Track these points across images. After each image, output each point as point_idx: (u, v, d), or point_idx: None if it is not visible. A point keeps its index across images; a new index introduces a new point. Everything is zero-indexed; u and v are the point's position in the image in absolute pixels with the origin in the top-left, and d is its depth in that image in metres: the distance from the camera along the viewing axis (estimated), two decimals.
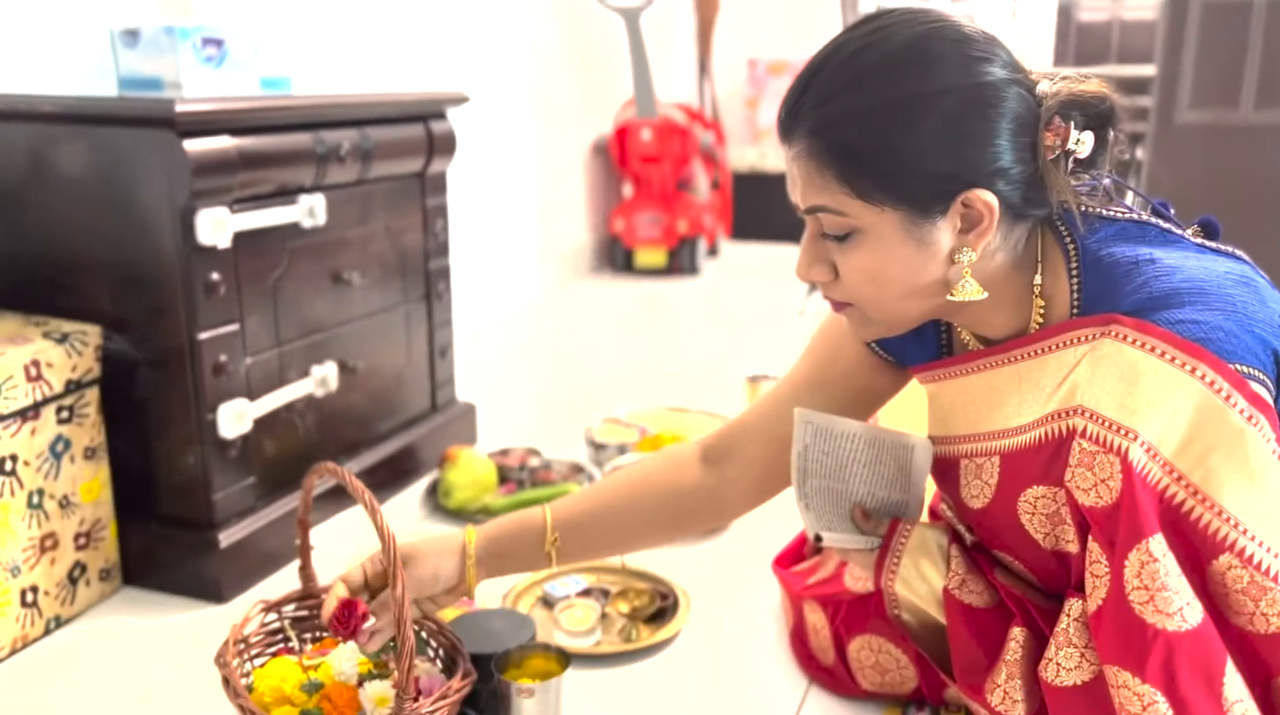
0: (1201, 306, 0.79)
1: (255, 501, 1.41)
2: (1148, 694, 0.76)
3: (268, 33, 1.76)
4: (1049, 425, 0.83)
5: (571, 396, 2.23)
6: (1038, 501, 0.86)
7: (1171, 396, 0.76)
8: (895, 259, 0.82)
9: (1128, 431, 0.76)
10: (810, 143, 0.82)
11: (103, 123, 1.26)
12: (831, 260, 0.86)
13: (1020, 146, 0.81)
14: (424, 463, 1.76)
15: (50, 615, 1.27)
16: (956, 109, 0.79)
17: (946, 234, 0.82)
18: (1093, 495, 0.78)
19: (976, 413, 0.93)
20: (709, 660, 1.22)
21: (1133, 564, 0.76)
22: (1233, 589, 0.77)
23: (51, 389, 1.23)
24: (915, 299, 0.86)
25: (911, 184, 0.80)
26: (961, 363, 0.94)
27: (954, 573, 0.94)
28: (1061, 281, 0.86)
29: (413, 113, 1.66)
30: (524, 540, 1.04)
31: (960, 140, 0.79)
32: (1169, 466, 0.76)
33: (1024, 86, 0.82)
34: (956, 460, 0.96)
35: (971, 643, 0.93)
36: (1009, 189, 0.81)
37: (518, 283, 3.08)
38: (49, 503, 1.25)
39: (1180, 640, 0.75)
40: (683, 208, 3.49)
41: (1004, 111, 0.80)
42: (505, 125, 2.95)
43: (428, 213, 1.73)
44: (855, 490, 1.01)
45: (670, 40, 4.11)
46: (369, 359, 1.63)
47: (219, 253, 1.31)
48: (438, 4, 2.55)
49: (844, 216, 0.82)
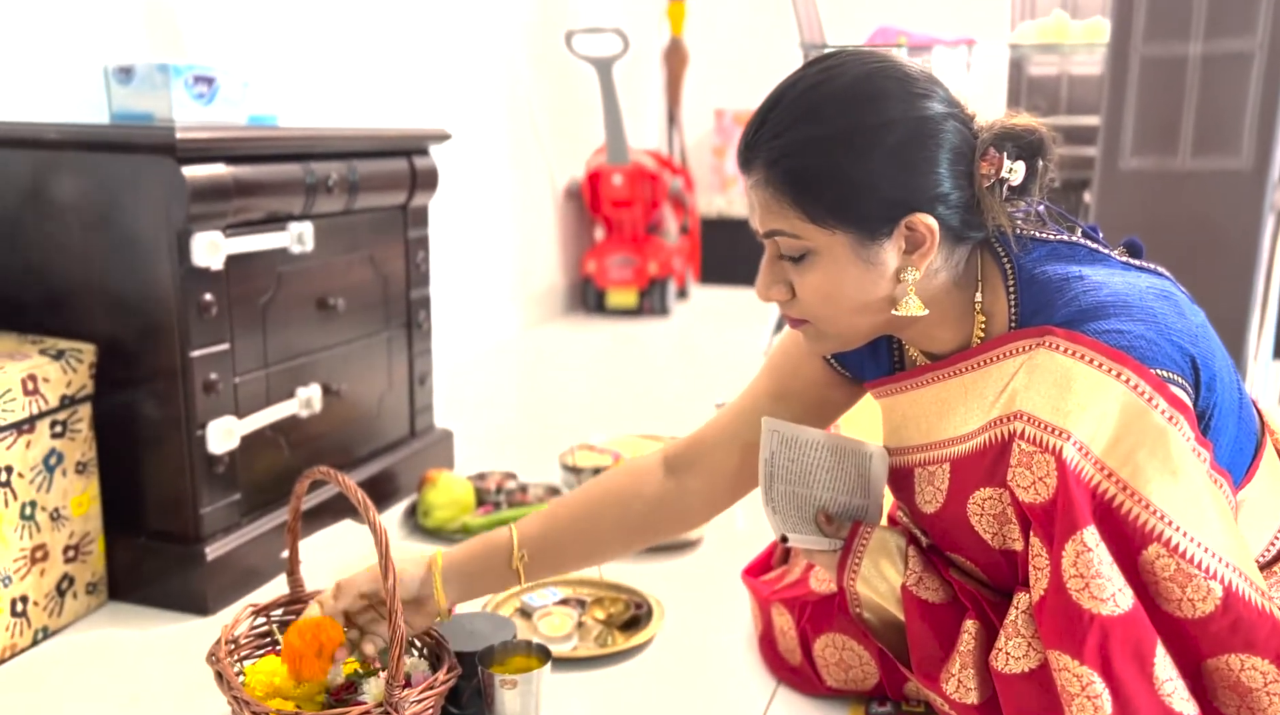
0: (1126, 318, 0.87)
1: (240, 518, 1.45)
2: (1085, 675, 0.82)
3: (256, 71, 1.84)
4: (992, 431, 0.90)
5: (546, 425, 2.29)
6: (985, 503, 0.93)
7: (1100, 399, 0.84)
8: (846, 278, 0.90)
9: (1062, 432, 0.84)
10: (767, 172, 0.90)
11: (104, 149, 1.32)
12: (789, 280, 0.94)
13: (958, 174, 0.89)
14: (403, 487, 1.80)
15: (39, 626, 1.30)
16: (900, 140, 0.87)
17: (892, 255, 0.90)
18: (1031, 492, 0.85)
19: (927, 424, 1.00)
20: (681, 664, 1.27)
21: (1069, 554, 0.83)
22: (1161, 577, 0.84)
23: (47, 403, 1.28)
24: (865, 315, 0.93)
25: (859, 209, 0.88)
26: (911, 377, 1.01)
27: (911, 571, 1.01)
28: (1000, 298, 0.94)
29: (397, 147, 1.73)
30: (492, 560, 1.09)
31: (903, 169, 0.87)
32: (1100, 464, 0.84)
33: (961, 120, 0.90)
34: (910, 469, 1.03)
35: (928, 636, 1.00)
36: (949, 213, 0.89)
37: (492, 321, 3.14)
38: (40, 515, 1.29)
39: (1113, 624, 0.82)
40: (653, 250, 3.59)
41: (943, 142, 0.88)
42: (481, 168, 3.03)
43: (410, 244, 1.79)
44: (819, 495, 1.07)
45: (641, 90, 4.24)
46: (351, 383, 1.68)
47: (212, 274, 1.36)
48: (416, 51, 2.64)
49: (799, 239, 0.90)
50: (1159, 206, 2.30)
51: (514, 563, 1.09)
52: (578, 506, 1.13)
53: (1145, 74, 2.29)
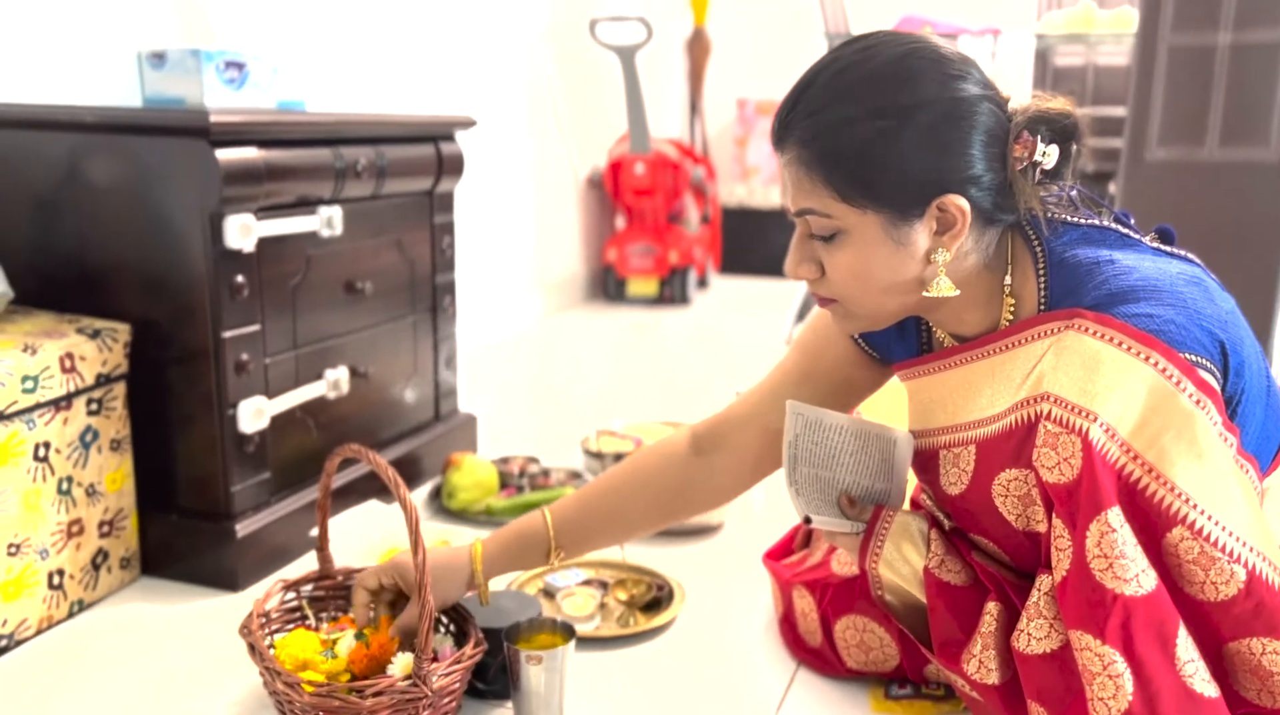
0: (1155, 302, 0.87)
1: (269, 496, 1.48)
2: (1108, 654, 0.83)
3: (285, 57, 1.86)
4: (1019, 412, 0.91)
5: (568, 411, 2.31)
6: (1010, 484, 0.94)
7: (1127, 381, 0.84)
8: (876, 258, 0.91)
9: (1088, 413, 0.84)
10: (800, 151, 0.90)
11: (140, 132, 1.34)
12: (819, 259, 0.94)
13: (991, 156, 0.89)
14: (427, 469, 1.83)
15: (74, 599, 1.33)
16: (934, 121, 0.87)
17: (923, 235, 0.90)
18: (1055, 473, 0.86)
19: (953, 406, 1.00)
20: (702, 644, 1.29)
21: (1093, 534, 0.83)
22: (1185, 560, 0.84)
23: (83, 381, 1.30)
24: (894, 296, 0.94)
25: (892, 188, 0.88)
26: (939, 359, 1.02)
27: (933, 554, 1.02)
28: (1030, 281, 0.94)
29: (424, 133, 1.75)
30: (528, 547, 1.13)
31: (937, 149, 0.88)
32: (1126, 446, 0.84)
33: (995, 103, 0.90)
34: (935, 452, 1.04)
35: (949, 618, 1.00)
36: (980, 195, 0.90)
37: (514, 308, 3.16)
38: (77, 490, 1.32)
39: (1136, 604, 0.83)
40: (674, 239, 3.60)
41: (977, 124, 0.88)
42: (504, 155, 3.05)
43: (436, 229, 1.81)
44: (842, 479, 1.08)
45: (663, 79, 4.24)
46: (378, 366, 1.70)
47: (244, 257, 1.38)
48: (441, 38, 2.66)
49: (830, 218, 0.91)
50: (1186, 198, 2.29)
51: (550, 549, 1.13)
52: (609, 488, 1.16)
53: (1173, 64, 2.27)
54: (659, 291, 3.60)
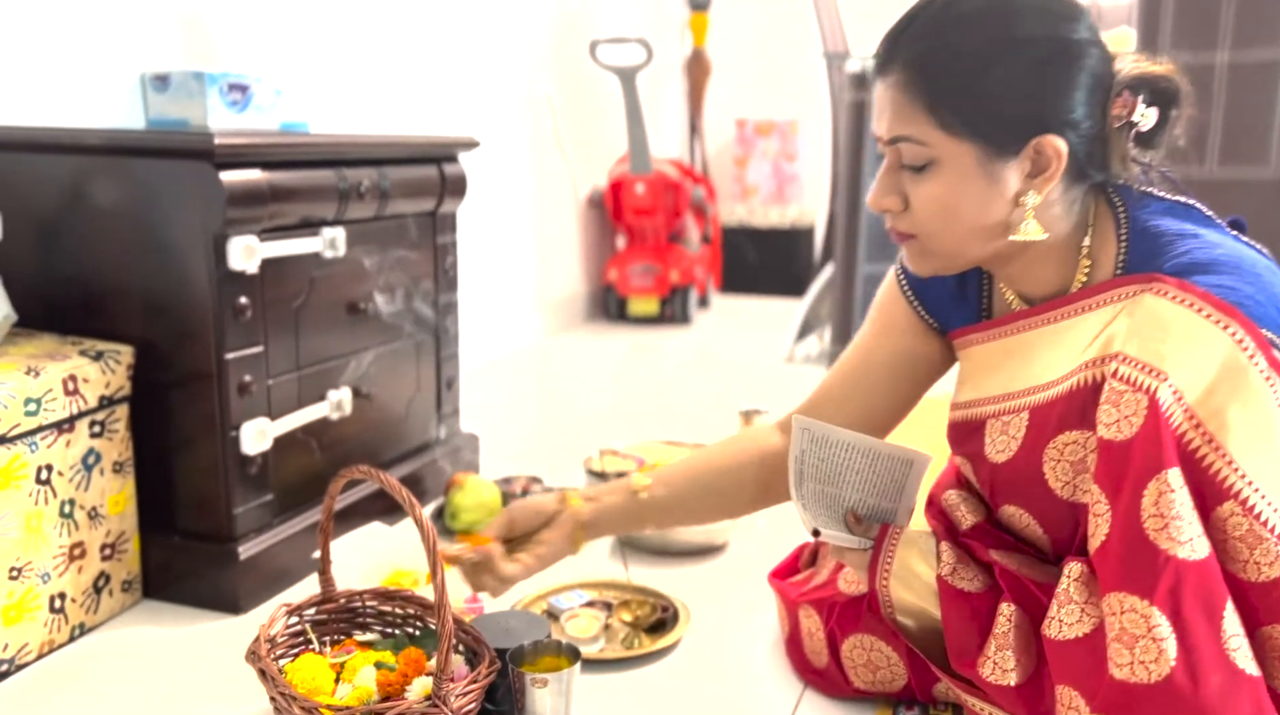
0: (1236, 277, 0.87)
1: (272, 518, 1.47)
2: (1154, 616, 0.81)
3: (288, 79, 1.86)
4: (1085, 372, 0.89)
5: (569, 431, 2.30)
6: (1066, 448, 0.92)
7: (1202, 347, 0.83)
8: (966, 193, 0.90)
9: (1159, 373, 0.83)
10: (904, 75, 0.90)
11: (144, 154, 1.35)
12: (905, 192, 0.93)
13: (1093, 104, 0.89)
14: (429, 490, 1.82)
15: (76, 622, 1.32)
16: (1043, 57, 0.87)
17: (1015, 175, 0.90)
18: (1114, 429, 0.84)
19: (1009, 374, 0.99)
20: (707, 667, 1.28)
21: (1150, 493, 0.81)
22: (1231, 535, 0.83)
23: (86, 403, 1.30)
24: (976, 237, 0.93)
25: (992, 121, 0.88)
26: (1001, 324, 1.01)
27: (945, 563, 1.01)
28: (1109, 245, 0.94)
29: (427, 154, 1.75)
30: (624, 514, 1.16)
31: (1043, 86, 0.88)
32: (1190, 413, 0.83)
33: (1103, 52, 0.90)
34: (983, 421, 1.02)
35: (965, 624, 0.99)
36: (1077, 142, 0.89)
37: (514, 327, 3.16)
38: (79, 513, 1.31)
39: (1189, 568, 0.81)
40: (675, 258, 3.60)
41: (1084, 68, 0.88)
42: (505, 176, 3.06)
43: (439, 250, 1.82)
44: (848, 496, 1.08)
45: (663, 100, 4.26)
46: (381, 387, 1.70)
47: (247, 278, 1.38)
48: (443, 60, 2.67)
49: (924, 147, 0.90)
50: None
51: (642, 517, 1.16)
52: (704, 466, 1.18)
53: None
54: (660, 310, 3.60)
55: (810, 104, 4.17)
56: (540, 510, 1.14)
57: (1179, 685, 0.81)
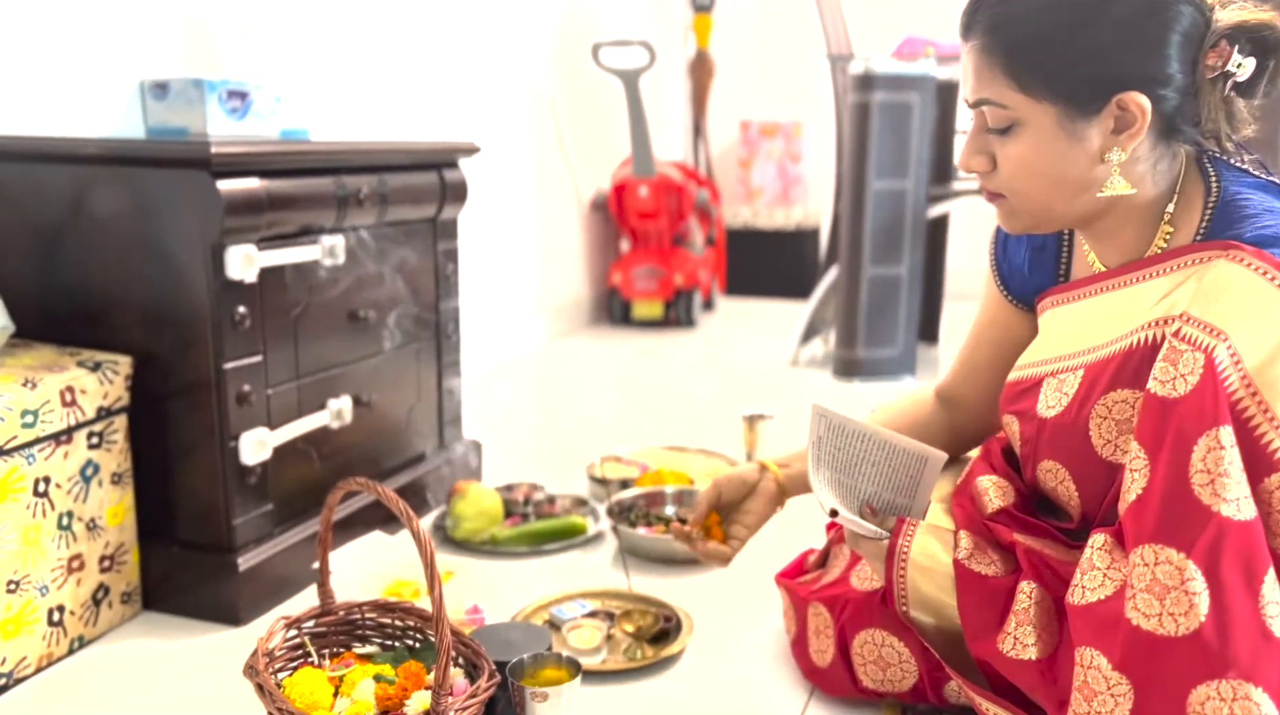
0: None
1: (272, 528, 1.46)
2: (1189, 569, 0.80)
3: (288, 86, 1.86)
4: (1145, 332, 0.90)
5: (572, 436, 2.29)
6: (1115, 407, 0.92)
7: (1266, 313, 0.82)
8: (1049, 152, 0.91)
9: (1218, 332, 0.82)
10: (985, 38, 0.91)
11: (141, 164, 1.34)
12: (991, 153, 0.95)
13: (1183, 59, 0.88)
14: (432, 498, 1.81)
15: (74, 635, 1.31)
16: (1128, 14, 0.87)
17: (1097, 133, 0.90)
18: (1167, 387, 0.83)
19: (1076, 335, 1.00)
20: (711, 677, 1.27)
21: (1200, 448, 0.80)
22: (1276, 509, 0.82)
23: (84, 415, 1.29)
24: (1062, 194, 0.93)
25: (1070, 81, 0.89)
26: (1078, 287, 1.02)
27: (963, 548, 1.00)
28: (1194, 213, 0.94)
29: (427, 161, 1.74)
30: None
31: (1128, 43, 0.87)
32: (1246, 379, 0.82)
33: (1196, 6, 0.89)
34: (1041, 379, 1.02)
35: (982, 606, 0.98)
36: (1163, 98, 0.89)
37: (518, 332, 3.15)
38: (77, 525, 1.30)
39: (1232, 527, 0.79)
40: (679, 262, 3.59)
41: (1173, 23, 0.87)
42: (508, 180, 3.05)
43: (439, 256, 1.81)
44: (864, 488, 1.08)
45: (667, 102, 4.25)
46: (381, 394, 1.69)
47: (246, 287, 1.38)
48: (445, 64, 2.66)
49: (1006, 109, 0.91)
50: None
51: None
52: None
53: None
54: (664, 314, 3.59)
55: (815, 105, 4.15)
56: (745, 480, 1.24)
57: (1207, 640, 0.79)
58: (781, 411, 2.14)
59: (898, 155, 2.65)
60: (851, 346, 2.76)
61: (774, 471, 1.24)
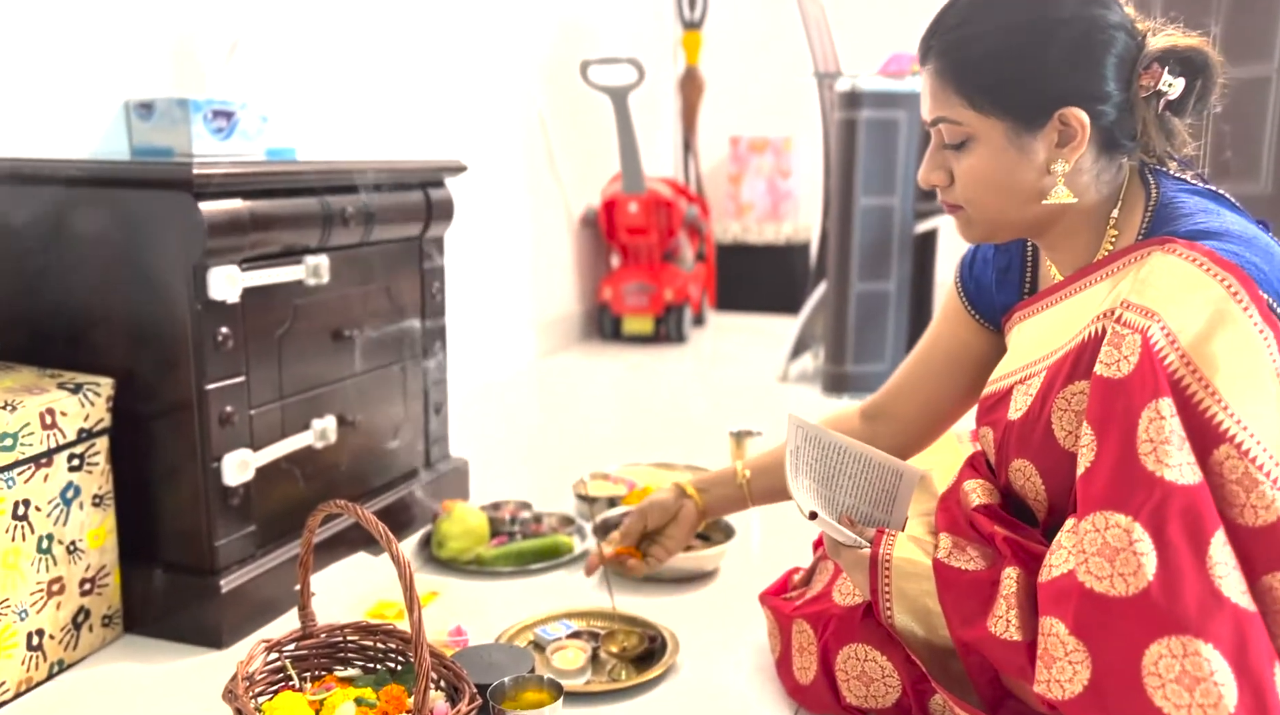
0: (1245, 247, 0.92)
1: (255, 550, 1.45)
2: (1136, 530, 0.83)
3: (274, 105, 1.86)
4: (1095, 325, 0.94)
5: (561, 453, 2.28)
6: (1073, 398, 0.96)
7: (1197, 293, 0.88)
8: (1000, 164, 0.99)
9: (1153, 313, 0.88)
10: (940, 62, 1.00)
11: (123, 185, 1.34)
12: (949, 167, 1.03)
13: (1119, 79, 0.96)
14: (418, 517, 1.80)
15: (54, 659, 1.30)
16: (1070, 38, 0.95)
17: (1043, 146, 0.98)
18: (1112, 368, 0.88)
19: (1040, 343, 1.04)
20: (696, 697, 1.26)
21: (1144, 419, 0.85)
22: (1228, 479, 0.85)
23: (64, 437, 1.28)
24: (1014, 204, 1.01)
25: (1018, 98, 0.97)
26: (1040, 298, 1.07)
27: (942, 547, 1.03)
28: (1135, 217, 1.00)
29: (413, 180, 1.74)
30: (726, 483, 1.37)
31: (1068, 65, 0.95)
32: (1184, 355, 0.86)
33: (1130, 33, 0.97)
34: (1011, 387, 1.06)
35: (965, 596, 1.00)
36: (1103, 114, 0.97)
37: (509, 348, 3.15)
38: (57, 548, 1.29)
39: (1176, 491, 0.83)
40: (669, 277, 3.59)
41: (1108, 46, 0.96)
42: (498, 196, 3.05)
43: (425, 275, 1.80)
44: (841, 500, 1.09)
45: (657, 118, 4.26)
46: (367, 414, 1.69)
47: (228, 308, 1.37)
48: (435, 82, 2.67)
49: (960, 126, 1.00)
50: None
51: (739, 481, 1.36)
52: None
53: None
54: (654, 329, 3.59)
55: (804, 121, 4.17)
56: (667, 508, 1.37)
57: (1155, 598, 0.82)
58: (770, 427, 2.14)
59: (885, 172, 2.66)
60: (840, 362, 2.77)
61: (695, 500, 1.37)
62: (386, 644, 1.18)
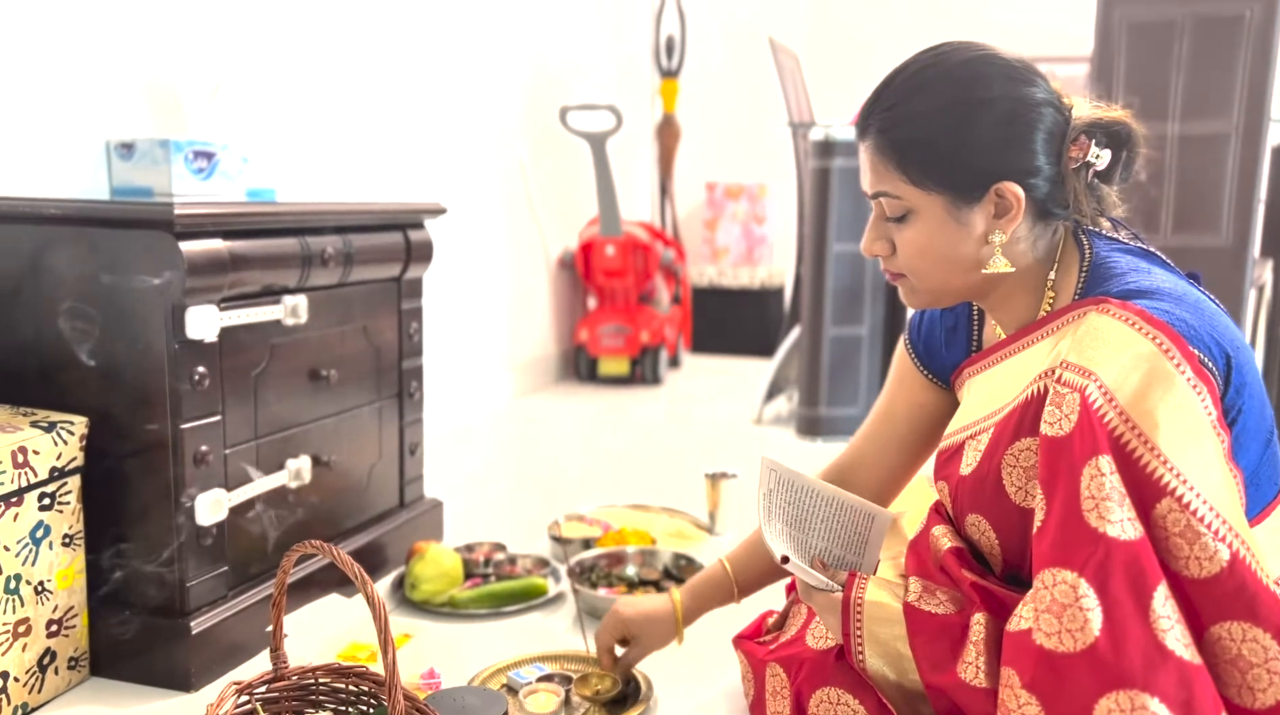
0: (1177, 305, 0.95)
1: (226, 591, 1.44)
2: (1081, 586, 0.84)
3: (255, 146, 1.87)
4: (1037, 383, 0.97)
5: (536, 495, 2.28)
6: (1021, 455, 0.98)
7: (1128, 351, 0.90)
8: (940, 236, 1.01)
9: (1089, 373, 0.90)
10: (878, 139, 1.02)
11: (103, 224, 1.34)
12: (890, 238, 1.05)
13: (1049, 153, 0.99)
14: (391, 558, 1.79)
15: (18, 703, 1.28)
16: (1000, 117, 0.98)
17: (981, 218, 1.00)
18: (1055, 427, 0.91)
19: (988, 399, 1.06)
20: None
21: (1085, 476, 0.87)
22: (1171, 532, 0.86)
23: (36, 476, 1.28)
24: (955, 272, 1.04)
25: (955, 174, 0.99)
26: (985, 356, 1.10)
27: (912, 591, 1.03)
28: (1070, 277, 1.04)
29: (392, 222, 1.76)
30: (716, 588, 1.33)
31: (1000, 142, 0.98)
32: (1122, 412, 0.88)
33: (1057, 108, 1.00)
34: (963, 443, 1.08)
35: (935, 640, 1.00)
36: (1036, 187, 1.00)
37: (485, 389, 3.15)
38: (25, 588, 1.28)
39: (1117, 546, 0.84)
40: (645, 319, 3.62)
41: (1038, 123, 0.99)
42: (477, 239, 3.07)
43: (403, 315, 1.81)
44: (814, 544, 1.10)
45: (634, 163, 4.32)
46: (342, 454, 1.68)
47: (206, 347, 1.37)
48: (416, 126, 2.70)
49: (900, 200, 1.02)
50: None
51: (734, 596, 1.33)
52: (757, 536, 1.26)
53: None
54: (630, 371, 3.61)
55: (779, 168, 4.23)
56: (652, 617, 1.34)
57: (1102, 653, 0.83)
58: (745, 470, 2.15)
59: (857, 218, 2.70)
60: (814, 405, 2.79)
61: (676, 601, 1.34)
62: (359, 686, 1.17)
